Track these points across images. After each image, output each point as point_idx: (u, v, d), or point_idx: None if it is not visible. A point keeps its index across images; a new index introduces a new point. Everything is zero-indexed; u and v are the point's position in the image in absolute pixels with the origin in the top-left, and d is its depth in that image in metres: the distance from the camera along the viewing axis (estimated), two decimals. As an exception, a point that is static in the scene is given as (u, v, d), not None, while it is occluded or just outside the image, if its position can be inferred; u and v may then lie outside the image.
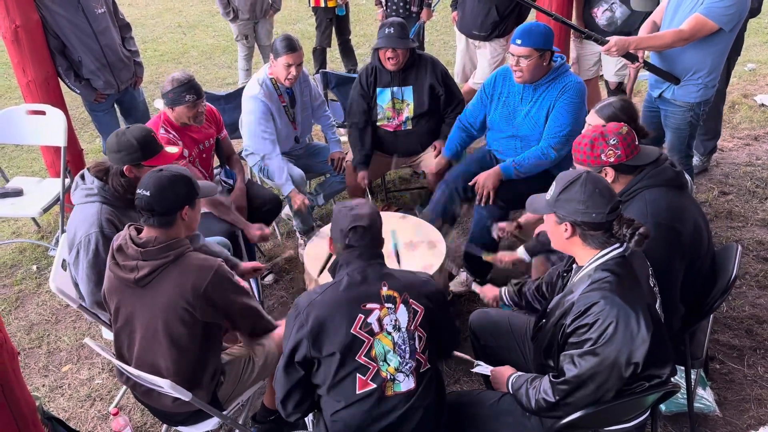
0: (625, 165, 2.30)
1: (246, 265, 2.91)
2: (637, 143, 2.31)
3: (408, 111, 3.84)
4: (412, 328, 2.05)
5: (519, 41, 3.09)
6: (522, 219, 3.09)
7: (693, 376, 2.61)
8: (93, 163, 2.68)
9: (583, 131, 2.50)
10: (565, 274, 2.23)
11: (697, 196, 4.30)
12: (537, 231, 2.93)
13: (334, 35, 6.47)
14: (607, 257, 1.96)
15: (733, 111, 5.53)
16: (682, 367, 2.58)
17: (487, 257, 3.01)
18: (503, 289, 2.68)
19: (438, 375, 2.15)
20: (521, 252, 2.88)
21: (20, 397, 2.20)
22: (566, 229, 1.98)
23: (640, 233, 1.90)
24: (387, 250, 2.52)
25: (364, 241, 2.09)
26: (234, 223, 3.30)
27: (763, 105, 5.60)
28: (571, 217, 1.96)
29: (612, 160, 2.27)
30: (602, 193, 1.93)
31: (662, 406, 2.73)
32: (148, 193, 2.17)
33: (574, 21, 4.32)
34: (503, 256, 2.95)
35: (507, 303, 2.66)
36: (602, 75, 4.70)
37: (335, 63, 7.13)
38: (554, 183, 2.03)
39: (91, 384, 3.18)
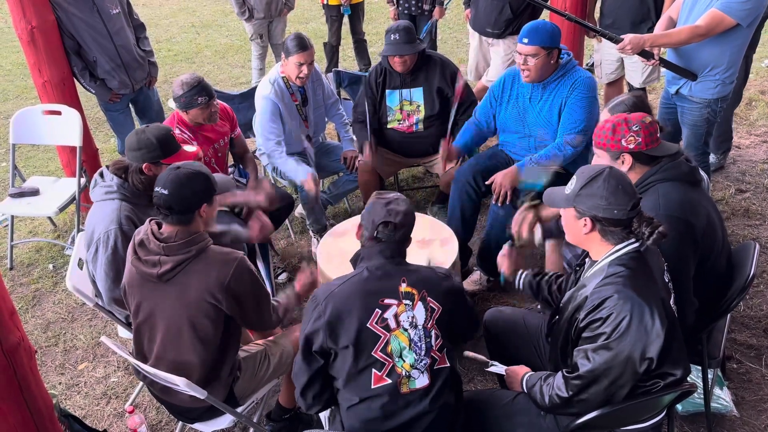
0: (644, 154, 2.28)
1: (253, 234, 2.93)
2: (658, 135, 2.30)
3: (419, 113, 3.83)
4: (428, 326, 2.05)
5: (526, 40, 3.07)
6: (544, 214, 2.98)
7: (710, 376, 2.58)
8: (112, 161, 2.71)
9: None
10: (577, 269, 2.21)
11: (713, 193, 4.25)
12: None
13: (345, 34, 6.47)
14: (622, 252, 1.95)
15: (750, 108, 5.46)
16: (699, 367, 2.56)
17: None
18: (521, 272, 2.58)
19: (455, 376, 2.14)
20: (537, 230, 2.79)
21: (37, 394, 2.22)
22: (585, 224, 1.96)
23: (659, 232, 1.89)
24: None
25: (393, 238, 2.09)
26: (237, 205, 3.28)
27: (780, 101, 5.54)
28: (591, 213, 1.94)
29: (632, 146, 2.26)
30: (625, 190, 1.91)
31: (679, 406, 2.70)
32: (166, 192, 2.17)
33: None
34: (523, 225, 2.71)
35: (518, 286, 2.59)
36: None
37: (348, 62, 7.14)
38: (575, 177, 2.01)
39: (107, 382, 3.21)
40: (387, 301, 2.03)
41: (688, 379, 1.97)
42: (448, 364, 2.08)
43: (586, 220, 1.96)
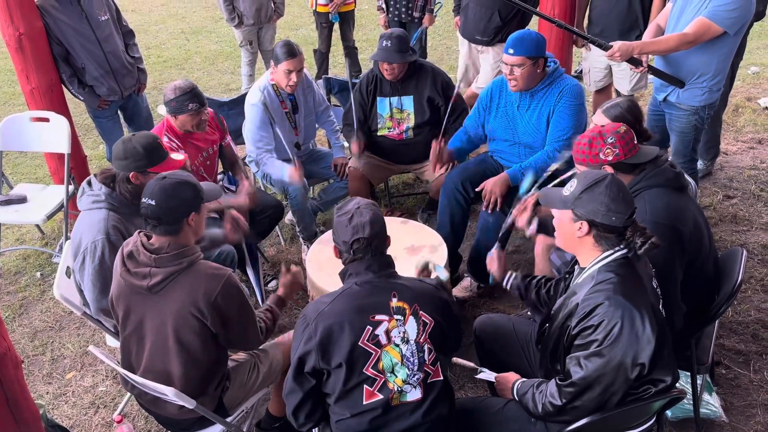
0: (624, 164, 2.30)
1: (228, 233, 2.92)
2: (635, 142, 2.31)
3: (409, 120, 3.84)
4: (421, 340, 2.03)
5: (511, 50, 3.09)
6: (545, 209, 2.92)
7: (699, 382, 2.59)
8: (100, 170, 2.69)
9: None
10: (567, 276, 2.22)
11: (701, 200, 4.28)
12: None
13: (335, 41, 6.48)
14: (611, 258, 1.96)
15: (736, 114, 5.51)
16: (688, 373, 2.57)
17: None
18: (510, 273, 2.59)
19: (448, 388, 2.13)
20: (534, 221, 2.77)
21: (24, 405, 2.20)
22: (581, 228, 1.96)
23: (651, 242, 1.90)
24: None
25: (370, 249, 2.07)
26: (220, 210, 3.27)
27: (767, 108, 5.58)
28: (589, 217, 1.94)
29: (610, 158, 2.27)
30: (625, 198, 1.92)
31: (668, 412, 2.71)
32: (153, 202, 2.14)
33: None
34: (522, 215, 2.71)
35: (506, 287, 2.58)
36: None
37: (339, 68, 7.15)
38: (575, 180, 2.01)
39: (95, 391, 3.18)
40: (378, 317, 2.00)
41: (677, 385, 1.98)
42: (442, 378, 2.07)
43: (582, 223, 1.96)
